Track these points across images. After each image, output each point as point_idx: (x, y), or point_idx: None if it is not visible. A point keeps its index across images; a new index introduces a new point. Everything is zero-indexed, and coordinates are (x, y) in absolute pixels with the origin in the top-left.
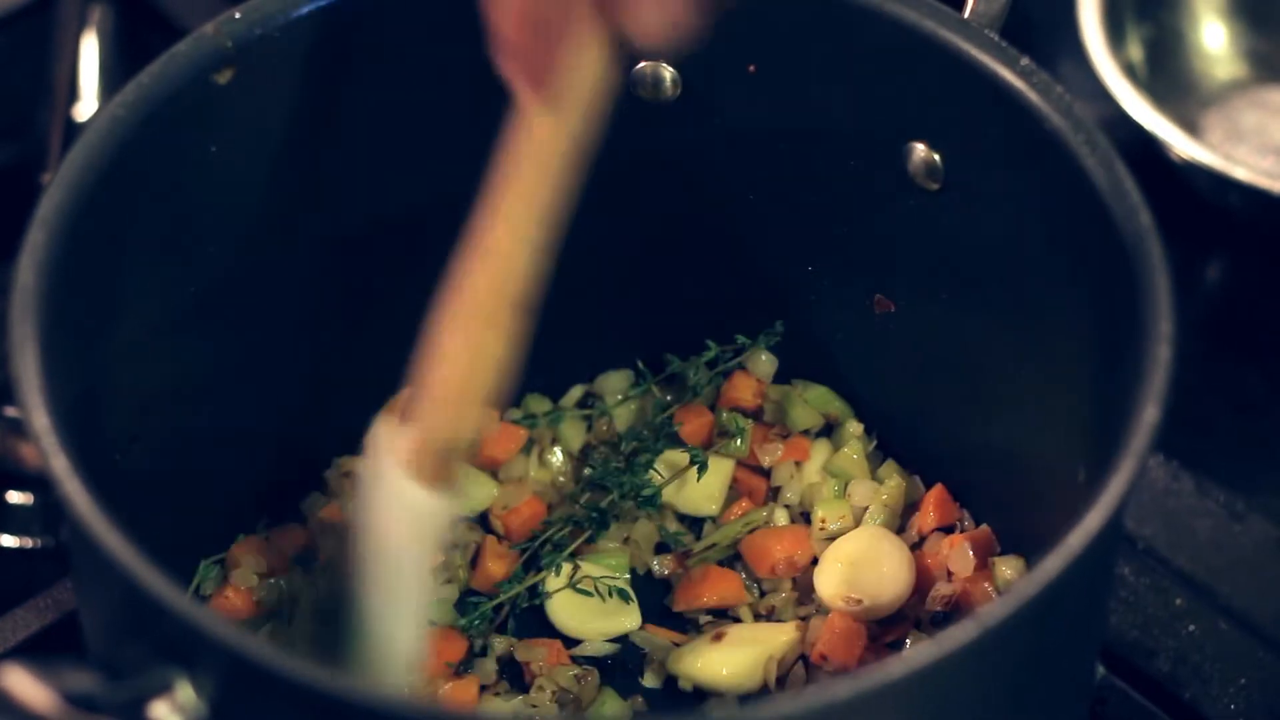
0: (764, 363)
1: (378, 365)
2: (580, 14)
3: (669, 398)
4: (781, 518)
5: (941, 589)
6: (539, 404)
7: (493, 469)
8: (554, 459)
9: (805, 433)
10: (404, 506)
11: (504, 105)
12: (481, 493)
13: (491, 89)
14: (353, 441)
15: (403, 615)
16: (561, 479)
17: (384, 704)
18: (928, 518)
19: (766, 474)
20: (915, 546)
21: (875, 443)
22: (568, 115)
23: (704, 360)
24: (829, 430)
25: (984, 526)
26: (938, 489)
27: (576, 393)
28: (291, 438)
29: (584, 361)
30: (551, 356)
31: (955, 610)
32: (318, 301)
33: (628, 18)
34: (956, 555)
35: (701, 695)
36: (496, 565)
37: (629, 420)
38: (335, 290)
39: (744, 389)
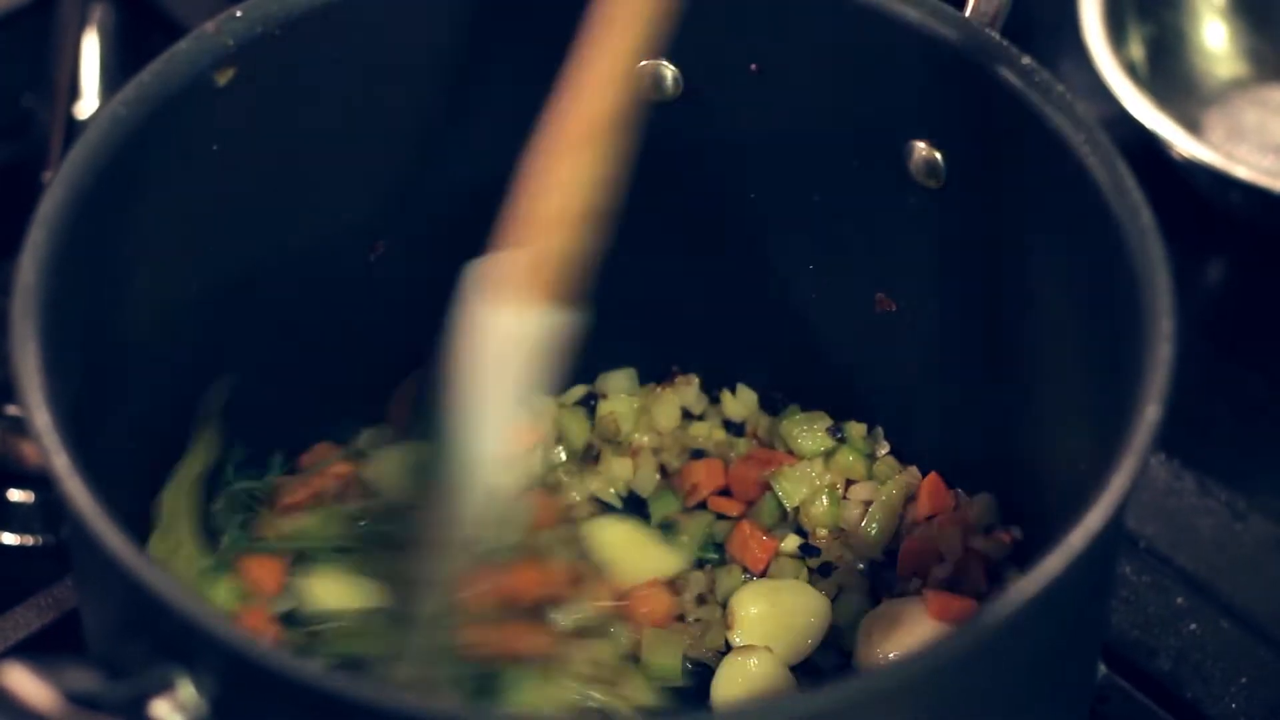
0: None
1: (375, 368)
2: None
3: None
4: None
5: (937, 572)
6: (541, 402)
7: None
8: (558, 457)
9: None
10: (511, 328)
11: (505, 102)
12: None
13: (493, 86)
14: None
15: (499, 435)
16: (566, 477)
17: (383, 702)
18: (922, 506)
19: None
20: (909, 533)
21: (884, 447)
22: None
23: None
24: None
25: (977, 500)
26: (931, 478)
27: (578, 391)
28: (291, 435)
29: (584, 360)
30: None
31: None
32: (318, 300)
33: None
34: (946, 537)
35: None
36: None
37: (633, 420)
38: (336, 289)
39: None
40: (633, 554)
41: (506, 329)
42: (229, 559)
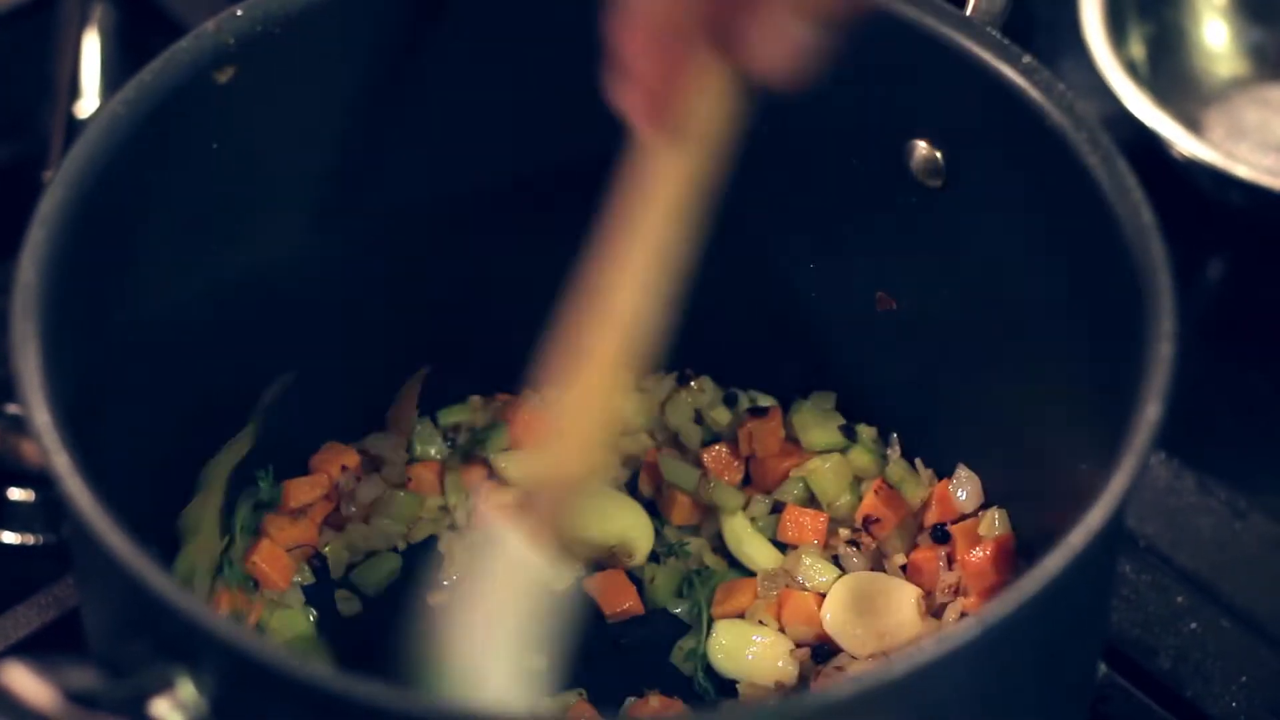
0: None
1: (382, 362)
2: (705, 42)
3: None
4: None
5: (946, 578)
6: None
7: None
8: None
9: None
10: (517, 565)
11: (505, 99)
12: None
13: (493, 83)
14: (350, 437)
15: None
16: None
17: (383, 701)
18: (931, 514)
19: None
20: (918, 541)
21: (896, 451)
22: (691, 153)
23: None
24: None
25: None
26: (941, 487)
27: None
28: (292, 432)
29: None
30: (544, 358)
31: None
32: (320, 298)
33: (748, 51)
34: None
35: None
36: None
37: (639, 416)
38: (337, 286)
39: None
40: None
41: (519, 561)
42: (237, 559)
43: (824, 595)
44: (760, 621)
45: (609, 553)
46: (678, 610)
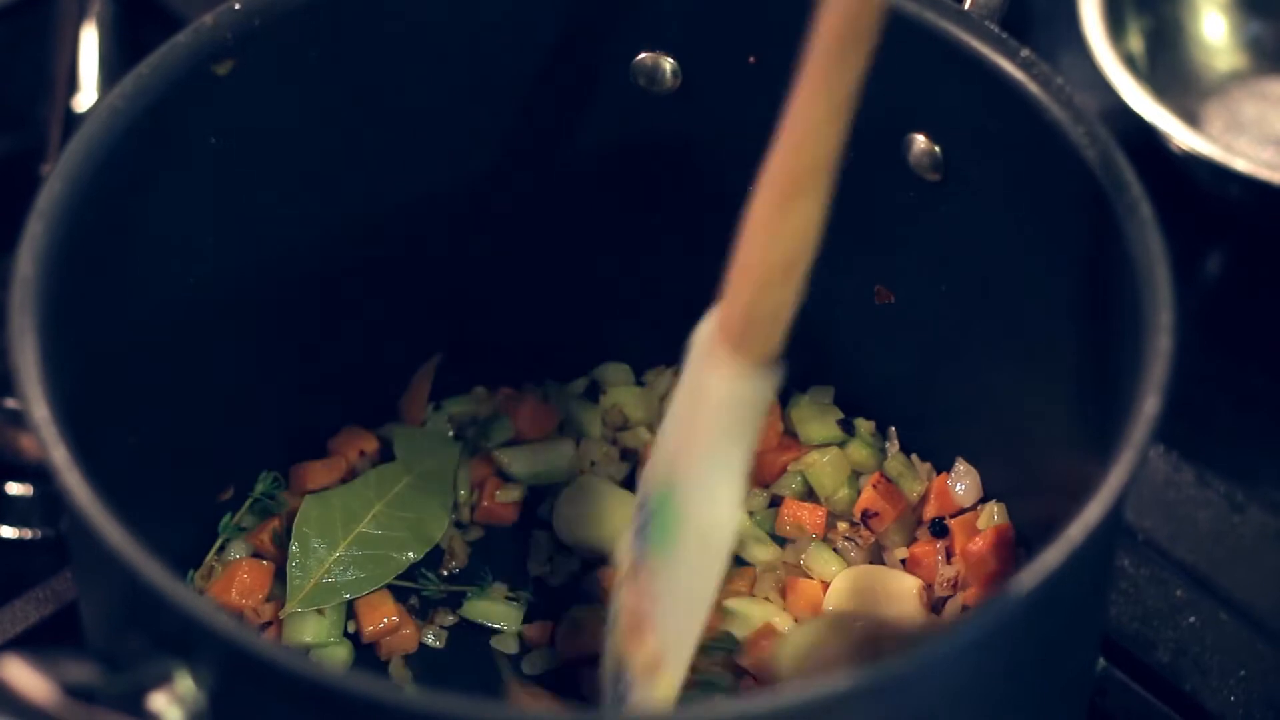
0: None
1: (378, 352)
2: None
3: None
4: None
5: (945, 572)
6: (554, 389)
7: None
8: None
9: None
10: (729, 389)
11: (507, 91)
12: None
13: (491, 78)
14: (369, 423)
15: (723, 500)
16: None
17: (381, 697)
18: (930, 508)
19: None
20: (917, 535)
21: (895, 445)
22: None
23: None
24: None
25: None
26: (939, 481)
27: (581, 383)
28: (293, 425)
29: (584, 353)
30: (550, 348)
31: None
32: (318, 290)
33: None
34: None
35: None
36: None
37: (639, 409)
38: (335, 278)
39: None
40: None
41: (723, 392)
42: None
43: (829, 584)
44: (766, 599)
45: (610, 551)
46: None
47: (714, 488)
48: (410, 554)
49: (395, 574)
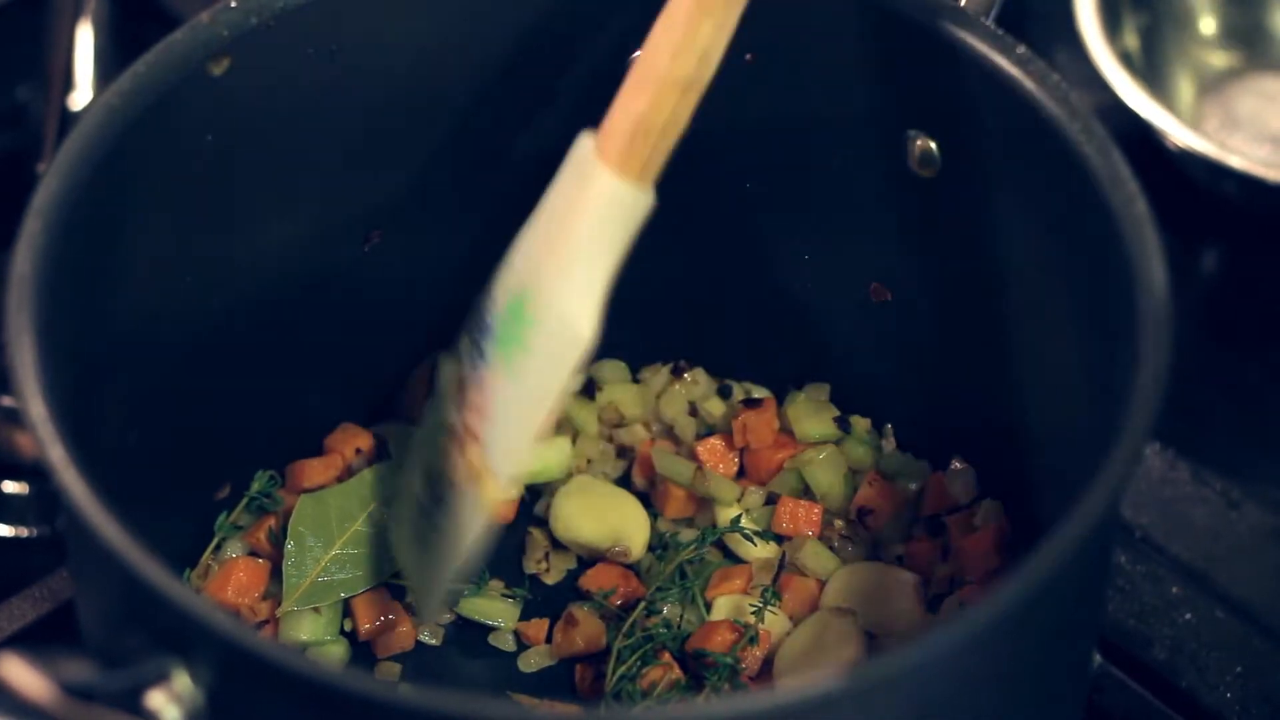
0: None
1: (375, 350)
2: None
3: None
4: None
5: (941, 569)
6: None
7: None
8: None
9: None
10: (604, 197)
11: (498, 92)
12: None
13: (486, 76)
14: (365, 421)
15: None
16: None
17: (377, 693)
18: (926, 505)
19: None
20: (914, 532)
21: (891, 443)
22: None
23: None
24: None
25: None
26: (935, 478)
27: (577, 381)
28: (289, 423)
29: None
30: None
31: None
32: (315, 287)
33: None
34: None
35: None
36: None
37: (635, 406)
38: (332, 275)
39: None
40: None
41: (599, 201)
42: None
43: (824, 582)
44: (761, 597)
45: (605, 552)
46: (674, 598)
47: (574, 297)
48: None
49: (390, 572)
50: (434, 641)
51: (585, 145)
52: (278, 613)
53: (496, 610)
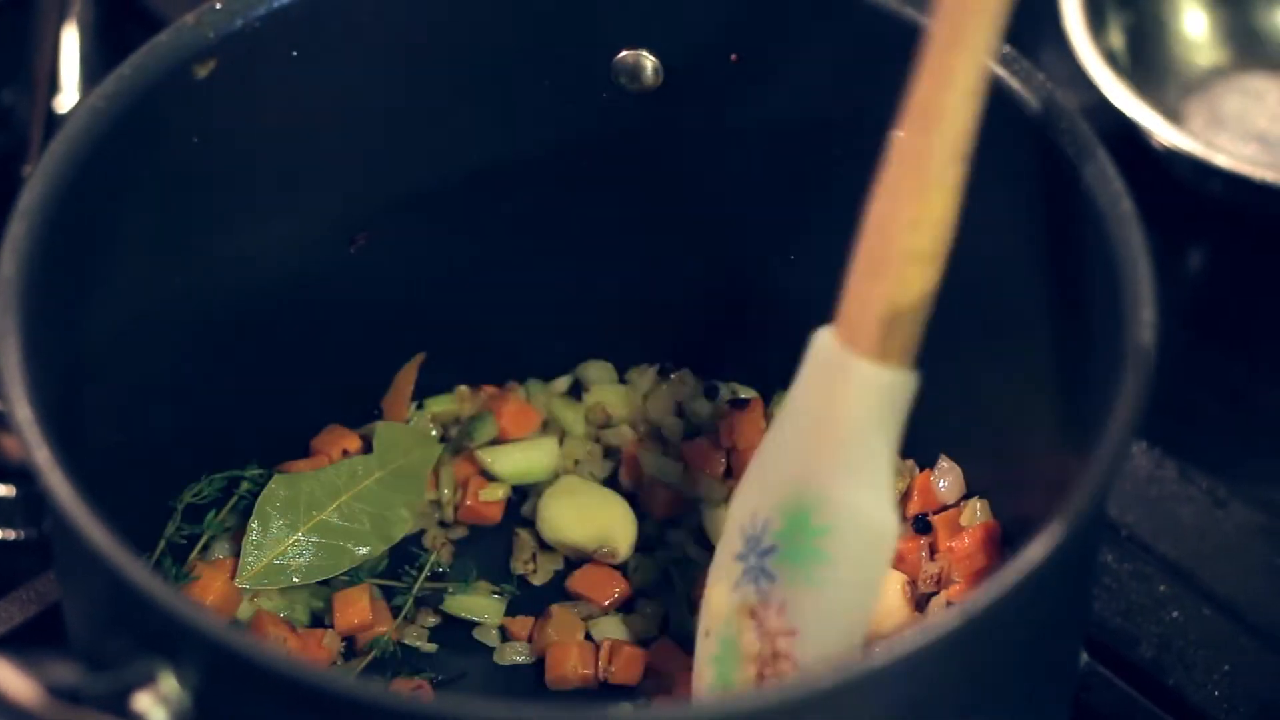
0: None
1: (361, 351)
2: None
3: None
4: None
5: (928, 568)
6: (536, 388)
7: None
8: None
9: None
10: (871, 388)
11: (484, 93)
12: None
13: (472, 77)
14: (352, 422)
15: (880, 502)
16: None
17: (363, 695)
18: (913, 504)
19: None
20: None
21: None
22: None
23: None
24: None
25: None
26: (921, 478)
27: (564, 382)
28: (276, 425)
29: (566, 351)
30: (532, 346)
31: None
32: (301, 289)
33: None
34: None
35: None
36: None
37: (622, 406)
38: (318, 277)
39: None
40: None
41: (866, 390)
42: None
43: None
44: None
45: (592, 553)
46: (659, 599)
47: (867, 492)
48: (366, 550)
49: (348, 567)
50: (420, 643)
51: (826, 342)
52: (236, 582)
53: (482, 606)
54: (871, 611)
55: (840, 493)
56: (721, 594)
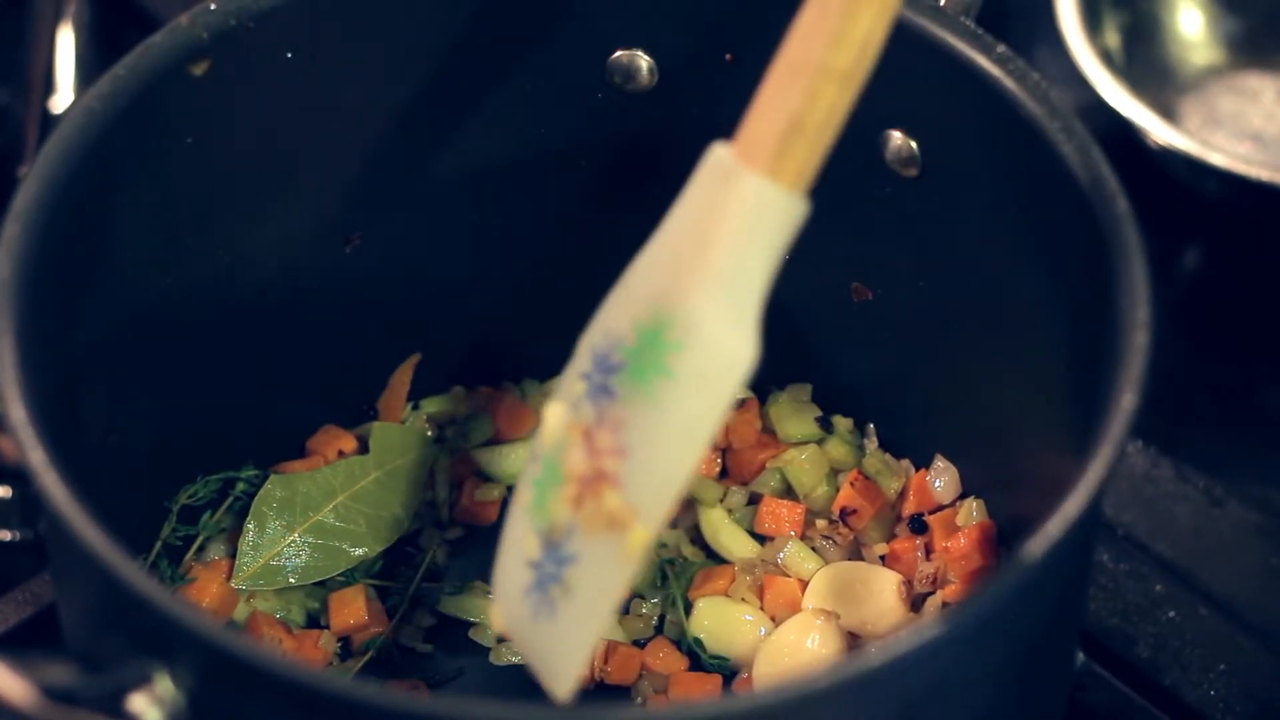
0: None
1: (357, 352)
2: None
3: None
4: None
5: (924, 568)
6: (531, 388)
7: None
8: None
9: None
10: (755, 204)
11: (479, 93)
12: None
13: (466, 77)
14: (347, 422)
15: (739, 330)
16: None
17: (357, 695)
18: (909, 504)
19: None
20: (896, 532)
21: (874, 442)
22: None
23: None
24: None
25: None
26: (917, 477)
27: (559, 382)
28: (272, 425)
29: (562, 351)
30: (528, 347)
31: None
32: (296, 289)
33: None
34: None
35: None
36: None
37: None
38: (313, 277)
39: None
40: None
41: (749, 207)
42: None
43: (806, 582)
44: (742, 599)
45: None
46: (655, 600)
47: (727, 315)
48: (363, 550)
49: (345, 567)
50: (415, 644)
51: (719, 153)
52: (232, 583)
53: (478, 607)
54: (704, 445)
55: (700, 309)
56: (558, 413)
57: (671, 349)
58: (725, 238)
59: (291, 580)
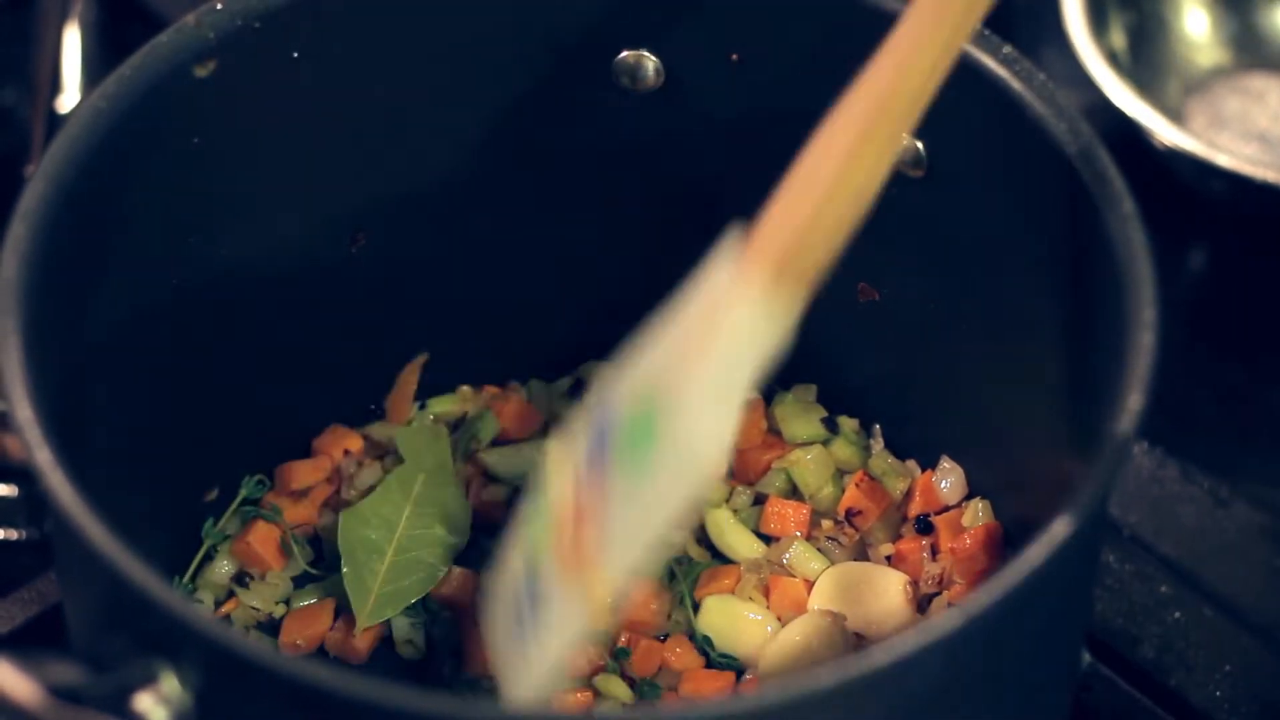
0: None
1: (363, 351)
2: None
3: None
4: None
5: (930, 569)
6: (538, 388)
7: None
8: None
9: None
10: (748, 315)
11: (485, 94)
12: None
13: (473, 77)
14: (354, 422)
15: (713, 434)
16: None
17: (365, 695)
18: (914, 505)
19: None
20: (902, 532)
21: (879, 443)
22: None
23: None
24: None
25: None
26: (924, 478)
27: (566, 382)
28: (277, 425)
29: (568, 351)
30: (534, 346)
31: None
32: (301, 289)
33: None
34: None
35: None
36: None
37: None
38: (318, 277)
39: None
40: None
41: (743, 319)
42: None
43: (812, 583)
44: (749, 599)
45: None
46: (660, 598)
47: (706, 419)
48: (455, 539)
49: (451, 559)
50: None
51: (731, 250)
52: (354, 634)
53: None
54: (663, 528)
55: (682, 409)
56: (558, 456)
57: (655, 439)
58: (717, 346)
59: (413, 597)
